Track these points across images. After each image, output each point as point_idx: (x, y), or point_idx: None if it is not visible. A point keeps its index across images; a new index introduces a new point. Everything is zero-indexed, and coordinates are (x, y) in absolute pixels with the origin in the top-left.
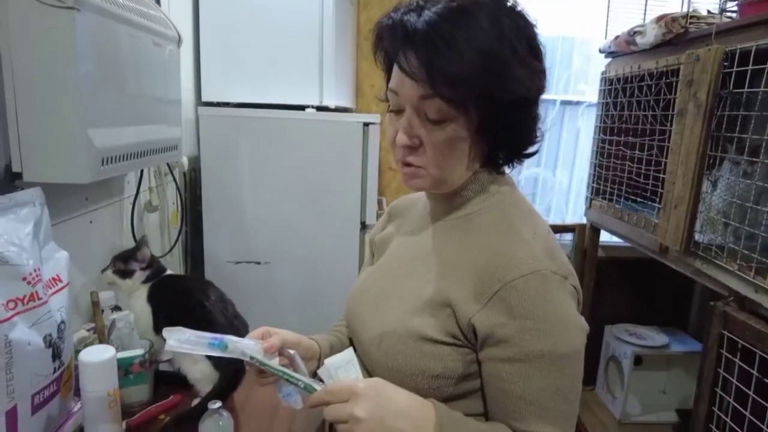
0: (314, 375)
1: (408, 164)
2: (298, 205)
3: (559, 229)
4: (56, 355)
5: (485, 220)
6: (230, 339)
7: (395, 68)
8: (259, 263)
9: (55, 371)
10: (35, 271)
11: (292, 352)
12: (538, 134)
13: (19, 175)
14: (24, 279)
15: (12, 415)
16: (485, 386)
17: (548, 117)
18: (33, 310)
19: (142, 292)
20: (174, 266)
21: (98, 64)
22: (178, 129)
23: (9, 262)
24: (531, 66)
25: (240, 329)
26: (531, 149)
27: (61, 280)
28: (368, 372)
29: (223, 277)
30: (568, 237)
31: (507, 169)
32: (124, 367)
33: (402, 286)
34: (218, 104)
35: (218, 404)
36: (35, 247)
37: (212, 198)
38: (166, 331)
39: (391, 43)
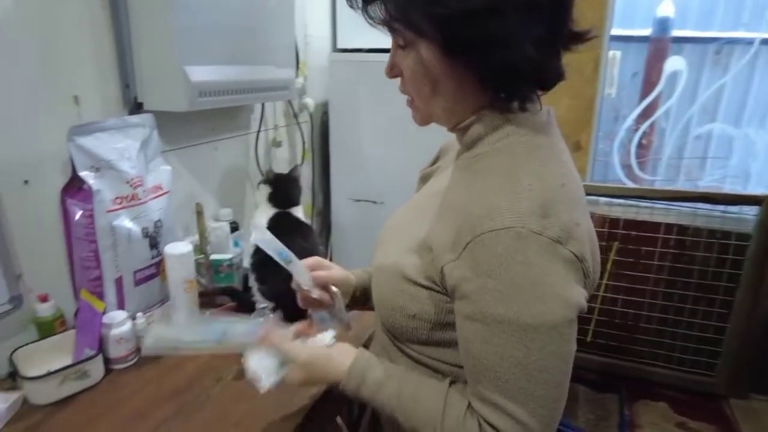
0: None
1: (408, 99)
2: (416, 149)
3: (732, 199)
4: (153, 245)
5: (490, 163)
6: (294, 259)
7: None
8: (375, 203)
9: (153, 258)
10: (138, 177)
11: (335, 290)
12: (537, 54)
13: (141, 105)
14: (128, 182)
15: (119, 283)
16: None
17: (743, 59)
18: (134, 207)
19: (267, 211)
20: (304, 197)
21: (196, 13)
22: (289, 71)
23: (116, 168)
24: None
25: None
26: (538, 77)
27: (161, 188)
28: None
29: (343, 212)
30: (750, 211)
31: (531, 105)
32: (215, 267)
33: (410, 223)
34: (351, 50)
35: (267, 305)
36: (141, 159)
37: (338, 139)
38: (254, 227)
39: None
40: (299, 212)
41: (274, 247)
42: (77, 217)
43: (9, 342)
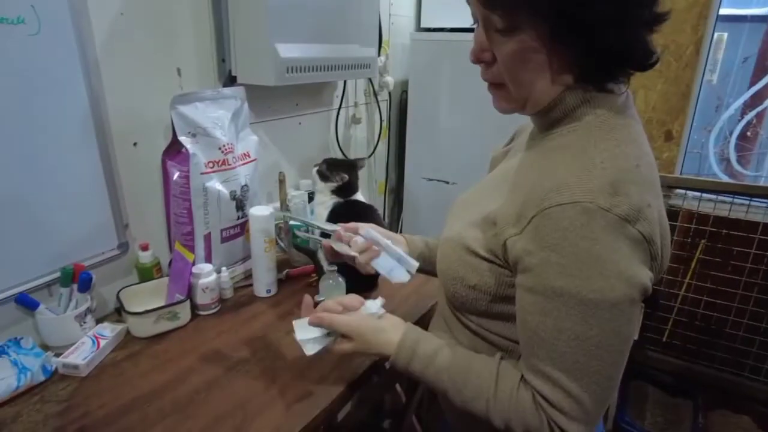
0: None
1: (491, 84)
2: (493, 131)
3: None
4: (239, 207)
5: (563, 141)
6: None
7: None
8: (448, 183)
9: (238, 218)
10: (229, 144)
11: (374, 233)
12: (642, 37)
13: (235, 78)
14: (220, 149)
15: (208, 239)
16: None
17: None
18: (224, 171)
19: (328, 201)
20: (379, 174)
21: None
22: (372, 49)
23: (210, 135)
24: None
25: None
26: (639, 59)
27: (249, 156)
28: None
29: (416, 191)
30: None
31: (615, 86)
32: (293, 231)
33: (478, 200)
34: (433, 30)
35: (334, 268)
36: (232, 128)
37: (416, 118)
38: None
39: None
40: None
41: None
42: (175, 177)
43: (116, 283)
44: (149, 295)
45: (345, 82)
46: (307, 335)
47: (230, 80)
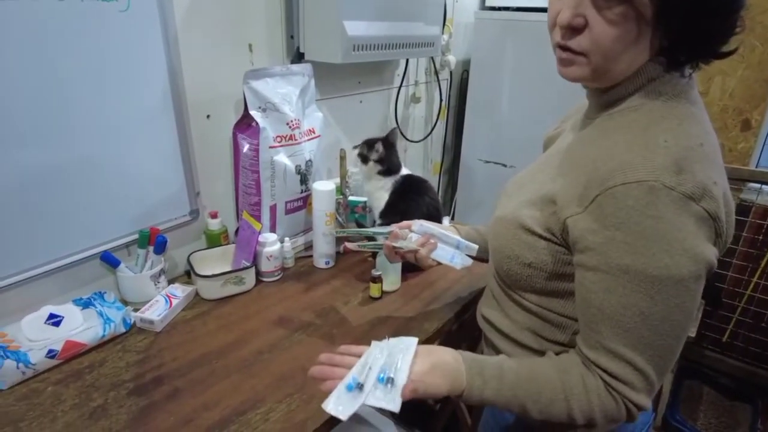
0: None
1: (566, 48)
2: (555, 114)
3: None
4: (303, 181)
5: (624, 121)
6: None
7: None
8: (505, 166)
9: (302, 192)
10: (296, 120)
11: (428, 225)
12: (737, 25)
13: (303, 55)
14: (287, 124)
15: (273, 210)
16: (575, 292)
17: None
18: (291, 146)
19: (382, 182)
20: (434, 154)
21: None
22: (436, 28)
23: (279, 110)
24: None
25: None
26: (723, 47)
27: (314, 132)
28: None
29: (471, 172)
30: None
31: (682, 69)
32: (351, 207)
33: (532, 179)
34: (498, 8)
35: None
36: (299, 105)
37: (476, 98)
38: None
39: None
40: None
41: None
42: (245, 149)
43: (187, 247)
44: (216, 260)
45: (407, 60)
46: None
47: (298, 57)
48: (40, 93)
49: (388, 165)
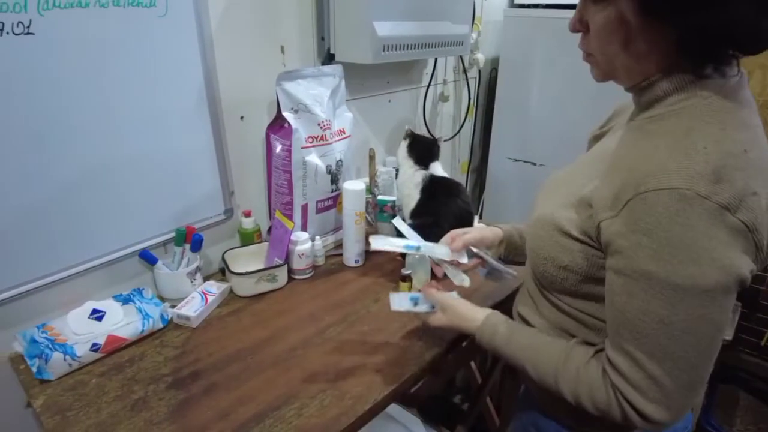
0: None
1: (585, 53)
2: (585, 113)
3: None
4: (333, 181)
5: (665, 124)
6: (425, 245)
7: None
8: (534, 164)
9: (332, 192)
10: (327, 121)
11: (475, 250)
12: (750, 16)
13: (333, 56)
14: (319, 125)
15: (305, 209)
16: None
17: None
18: (322, 146)
19: (411, 170)
20: (462, 153)
21: None
22: (465, 26)
23: (311, 111)
24: None
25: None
26: (744, 40)
27: (344, 132)
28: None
29: (500, 171)
30: None
31: (721, 68)
32: (381, 206)
33: (572, 180)
34: (528, 6)
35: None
36: (330, 105)
37: (505, 97)
38: (372, 238)
39: None
40: (438, 168)
41: (398, 244)
42: (278, 150)
43: (221, 245)
44: (250, 258)
45: (435, 59)
46: (399, 302)
47: (329, 58)
48: (88, 96)
49: (416, 153)
